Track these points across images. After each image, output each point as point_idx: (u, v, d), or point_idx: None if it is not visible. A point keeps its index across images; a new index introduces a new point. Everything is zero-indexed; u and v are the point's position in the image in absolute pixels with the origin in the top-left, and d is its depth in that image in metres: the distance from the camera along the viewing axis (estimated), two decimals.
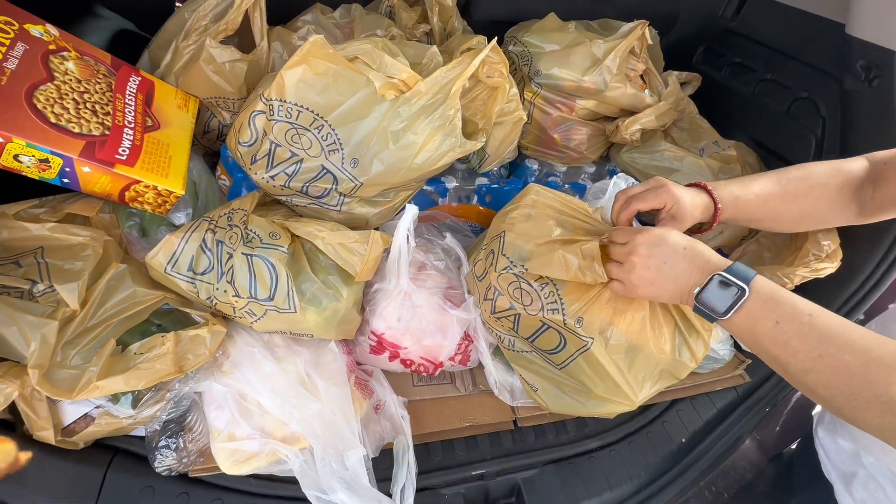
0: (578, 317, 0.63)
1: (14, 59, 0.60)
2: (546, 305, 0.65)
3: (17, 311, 0.54)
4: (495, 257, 0.68)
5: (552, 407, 0.73)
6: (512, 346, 0.73)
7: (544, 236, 0.64)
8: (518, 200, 0.71)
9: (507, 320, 0.70)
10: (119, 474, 0.63)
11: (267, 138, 0.66)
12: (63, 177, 0.62)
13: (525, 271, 0.65)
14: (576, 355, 0.66)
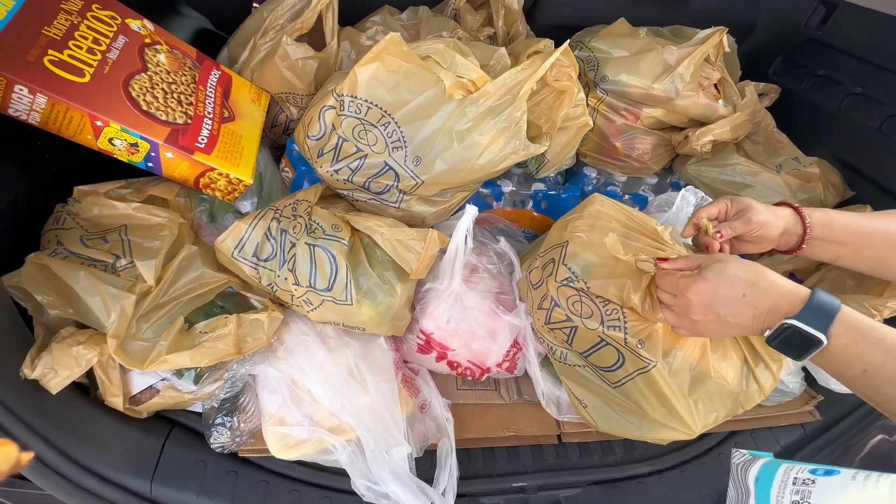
0: (641, 338, 0.60)
1: (116, 51, 0.65)
2: (607, 321, 0.62)
3: (101, 283, 0.58)
4: (555, 267, 0.65)
5: (601, 426, 0.70)
6: (564, 359, 0.71)
7: (609, 253, 0.61)
8: (581, 210, 0.69)
9: (562, 332, 0.67)
10: (176, 446, 0.66)
11: (335, 133, 0.68)
12: (148, 161, 0.67)
13: (587, 287, 0.62)
14: (634, 375, 0.63)
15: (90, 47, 0.62)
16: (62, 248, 0.60)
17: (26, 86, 0.55)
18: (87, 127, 0.60)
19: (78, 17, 0.64)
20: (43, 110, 0.57)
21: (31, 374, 0.53)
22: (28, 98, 0.56)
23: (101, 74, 0.62)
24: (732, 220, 0.60)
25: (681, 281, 0.53)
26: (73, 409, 0.59)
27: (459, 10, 1.00)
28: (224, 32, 1.19)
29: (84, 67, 0.60)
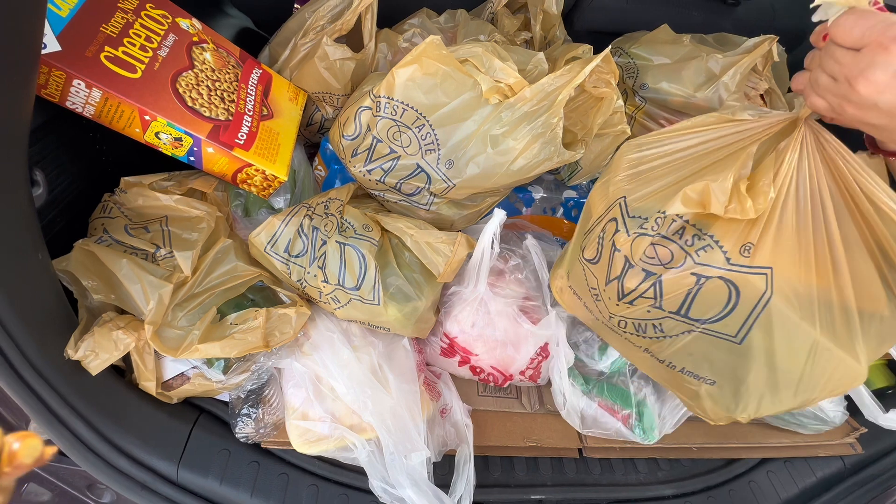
0: (744, 244, 0.46)
1: (166, 48, 0.68)
2: (693, 251, 0.48)
3: (142, 271, 0.60)
4: (619, 222, 0.53)
5: (747, 413, 0.52)
6: (660, 333, 0.54)
7: (670, 181, 0.51)
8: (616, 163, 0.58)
9: (644, 298, 0.53)
10: (202, 433, 0.68)
11: (370, 133, 0.68)
12: (190, 155, 0.69)
13: (664, 217, 0.49)
14: (757, 312, 0.47)
15: (143, 44, 0.65)
16: (107, 236, 0.63)
17: (83, 80, 0.57)
18: (136, 121, 0.63)
19: (133, 16, 0.66)
20: (97, 104, 0.60)
21: (74, 355, 0.55)
22: (84, 92, 0.58)
23: (151, 71, 0.64)
24: None
25: (891, 27, 0.35)
26: (110, 391, 0.61)
27: (497, 14, 1.00)
28: (265, 32, 1.23)
29: (136, 64, 0.63)
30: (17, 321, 0.47)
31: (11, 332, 0.47)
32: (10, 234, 0.46)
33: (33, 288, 0.51)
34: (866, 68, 0.36)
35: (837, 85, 0.39)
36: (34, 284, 0.51)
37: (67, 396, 0.55)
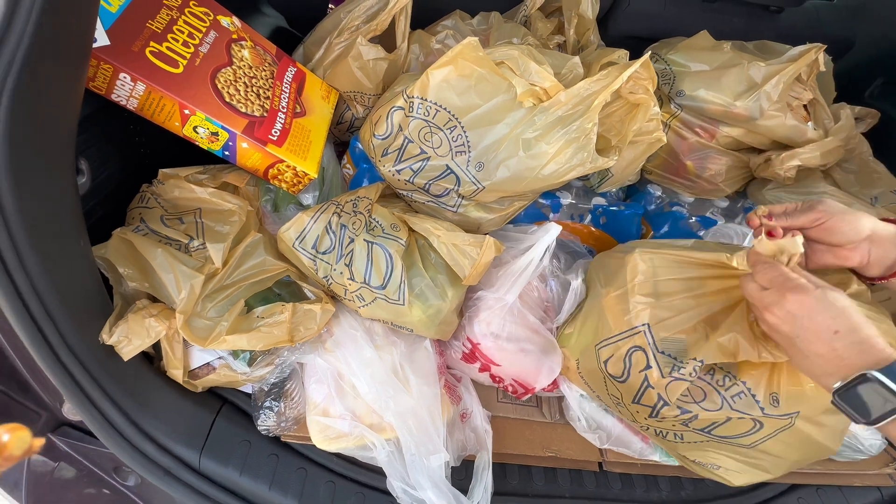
0: (772, 392, 0.53)
1: (207, 45, 0.70)
2: (727, 396, 0.55)
3: (175, 261, 0.61)
4: (649, 357, 0.57)
5: (739, 481, 0.61)
6: (679, 440, 0.62)
7: (690, 317, 0.56)
8: (630, 275, 0.60)
9: (675, 421, 0.59)
10: (225, 423, 0.69)
11: (401, 133, 0.69)
12: (225, 149, 0.70)
13: (700, 365, 0.54)
14: (775, 434, 0.56)
15: (185, 41, 0.67)
16: (144, 226, 0.64)
17: (129, 74, 0.59)
18: (176, 114, 0.64)
19: (177, 13, 0.68)
20: (141, 97, 0.62)
21: (108, 340, 0.57)
22: (130, 85, 0.60)
23: (192, 66, 0.66)
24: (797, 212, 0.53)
25: (783, 280, 0.46)
26: (140, 377, 0.63)
27: (530, 17, 0.99)
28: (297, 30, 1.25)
29: (179, 59, 0.65)
30: (58, 304, 0.49)
31: (53, 315, 0.49)
32: (55, 221, 0.48)
33: (74, 273, 0.52)
34: (770, 305, 0.47)
35: (755, 308, 0.51)
36: (75, 270, 0.52)
37: (100, 379, 0.57)
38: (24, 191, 0.42)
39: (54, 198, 0.48)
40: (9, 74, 0.38)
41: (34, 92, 0.41)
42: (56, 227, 0.48)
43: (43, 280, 0.46)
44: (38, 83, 0.42)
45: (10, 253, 0.43)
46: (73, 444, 0.64)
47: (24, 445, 0.27)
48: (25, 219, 0.43)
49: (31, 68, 0.40)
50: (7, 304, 0.45)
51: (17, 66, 0.39)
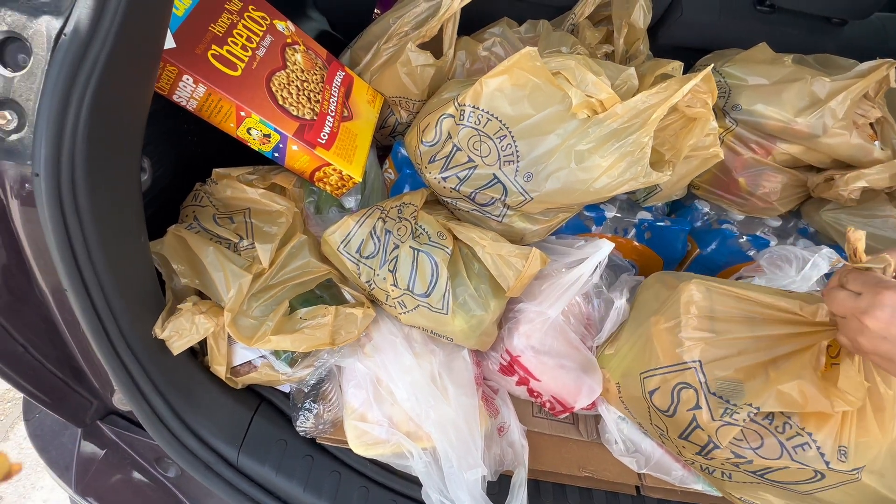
0: (840, 447, 0.50)
1: (263, 49, 0.71)
2: (788, 446, 0.52)
3: (225, 260, 0.62)
4: (700, 396, 0.55)
5: None
6: (727, 479, 0.60)
7: (748, 358, 0.53)
8: (685, 307, 0.57)
9: (726, 462, 0.57)
10: (262, 421, 0.70)
11: (450, 141, 0.68)
12: (275, 151, 0.71)
13: (756, 412, 0.52)
14: (837, 486, 0.53)
15: (244, 44, 0.68)
16: (197, 224, 0.66)
17: (192, 76, 0.61)
18: (232, 116, 0.66)
19: (237, 17, 0.70)
20: (200, 98, 0.63)
21: (160, 335, 0.58)
22: (191, 87, 0.62)
23: (249, 69, 0.67)
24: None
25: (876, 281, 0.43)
26: (186, 371, 0.64)
27: (578, 26, 0.97)
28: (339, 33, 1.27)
29: (237, 62, 0.66)
30: (118, 298, 0.50)
31: (113, 309, 0.50)
32: (121, 217, 0.49)
33: (134, 269, 0.54)
34: (868, 308, 0.43)
35: (847, 322, 0.46)
36: (135, 265, 0.54)
37: (150, 372, 0.58)
38: (98, 189, 0.43)
39: (121, 195, 0.49)
40: (92, 74, 0.40)
41: (112, 92, 0.42)
42: (121, 224, 0.50)
43: (107, 275, 0.48)
44: (116, 83, 0.43)
45: (82, 248, 0.44)
46: (119, 432, 0.66)
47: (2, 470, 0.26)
48: (97, 216, 0.44)
49: (112, 69, 0.41)
50: (74, 297, 0.46)
51: (99, 67, 0.40)
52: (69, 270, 0.44)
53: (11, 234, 0.44)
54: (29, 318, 0.50)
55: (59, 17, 0.39)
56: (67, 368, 0.59)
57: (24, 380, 0.53)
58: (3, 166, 0.41)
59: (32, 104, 0.39)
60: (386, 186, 0.92)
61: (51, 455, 0.66)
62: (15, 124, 0.40)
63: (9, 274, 0.46)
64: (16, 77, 0.39)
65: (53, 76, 0.39)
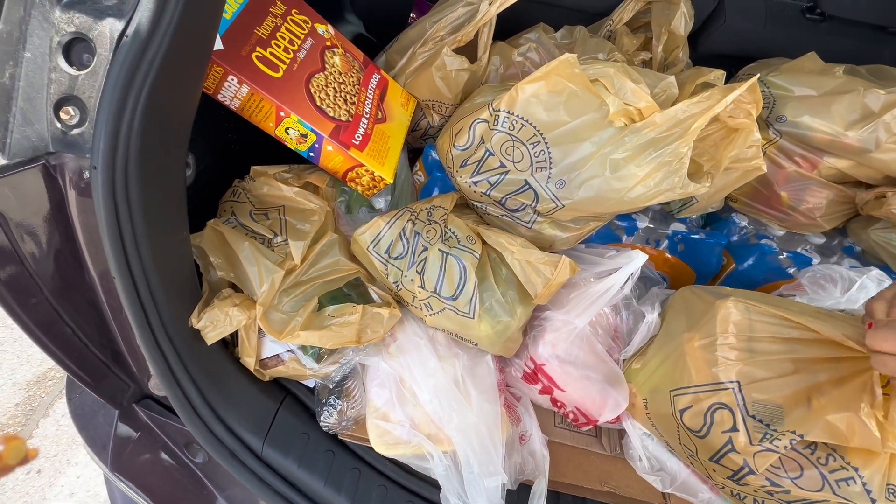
0: (888, 485, 0.48)
1: (304, 51, 0.73)
2: (831, 479, 0.50)
3: (259, 255, 0.64)
4: (737, 418, 0.53)
5: None
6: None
7: (789, 382, 0.51)
8: (722, 325, 0.55)
9: (761, 489, 0.55)
10: (287, 414, 0.71)
11: (483, 146, 0.68)
12: (311, 151, 0.73)
13: (798, 440, 0.49)
14: None
15: (286, 46, 0.70)
16: (234, 219, 0.68)
17: (237, 76, 0.63)
18: (272, 115, 0.68)
19: (280, 20, 0.72)
20: (243, 98, 0.66)
21: (196, 324, 0.60)
22: (235, 87, 0.64)
23: (290, 71, 0.69)
24: None
25: None
26: (218, 362, 0.66)
27: (616, 32, 0.96)
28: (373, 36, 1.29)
29: (279, 64, 0.68)
30: (160, 287, 0.52)
31: (155, 297, 0.52)
32: (167, 210, 0.52)
33: (176, 259, 0.56)
34: None
35: None
36: (177, 256, 0.56)
37: (185, 360, 0.60)
38: (148, 183, 0.45)
39: (168, 189, 0.51)
40: (149, 74, 0.42)
41: (165, 91, 0.44)
42: (167, 217, 0.52)
43: (152, 265, 0.50)
44: (169, 83, 0.45)
45: (130, 238, 0.46)
46: (153, 416, 0.69)
47: (20, 455, 0.28)
48: (146, 208, 0.46)
49: (166, 69, 0.43)
50: (121, 284, 0.48)
51: (155, 67, 0.42)
52: (118, 259, 0.46)
53: (67, 223, 0.47)
54: (78, 303, 0.53)
55: (122, 20, 0.41)
56: (109, 352, 0.62)
57: (70, 360, 0.56)
58: (63, 158, 0.44)
59: (94, 101, 0.42)
60: (415, 189, 0.92)
61: (89, 434, 0.69)
62: (77, 119, 0.42)
63: (63, 260, 0.49)
64: (80, 75, 0.42)
65: (114, 75, 0.41)
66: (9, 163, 0.41)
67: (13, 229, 0.44)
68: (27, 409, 1.41)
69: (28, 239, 0.45)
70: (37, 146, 0.42)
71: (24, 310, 0.48)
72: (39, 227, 0.46)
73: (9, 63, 0.40)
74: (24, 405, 1.41)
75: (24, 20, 0.39)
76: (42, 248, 0.47)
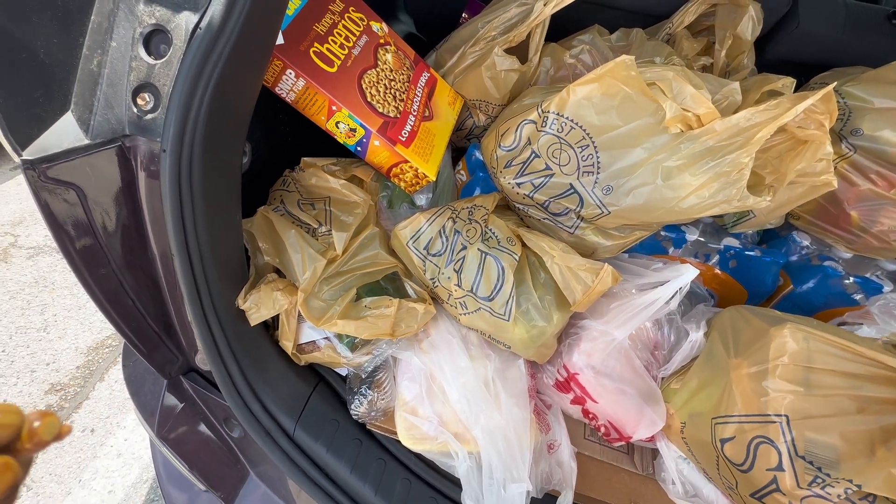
0: None
1: (358, 48, 0.75)
2: None
3: (304, 243, 0.67)
4: (783, 457, 0.49)
5: None
6: None
7: (849, 423, 0.46)
8: (775, 352, 0.51)
9: None
10: (319, 400, 0.73)
11: (529, 147, 0.67)
12: (358, 145, 0.75)
13: (856, 490, 0.45)
14: None
15: (342, 43, 0.73)
16: (282, 207, 0.71)
17: (295, 70, 0.66)
18: (325, 109, 0.70)
19: (338, 17, 0.74)
20: (299, 91, 0.68)
21: (242, 305, 0.63)
22: (293, 81, 0.67)
23: (344, 67, 0.71)
24: None
25: None
26: (259, 343, 0.69)
27: (675, 36, 0.92)
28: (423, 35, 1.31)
29: (335, 59, 0.70)
30: (213, 268, 0.55)
31: (208, 276, 0.55)
32: (224, 195, 0.54)
33: (228, 242, 0.59)
34: None
35: None
36: (230, 239, 0.59)
37: (230, 339, 0.63)
38: (209, 167, 0.48)
39: (226, 175, 0.54)
40: (217, 64, 0.44)
41: (231, 80, 0.47)
42: (223, 201, 0.55)
43: (207, 246, 0.53)
44: (235, 74, 0.47)
45: (190, 219, 0.49)
46: (197, 389, 0.73)
47: (53, 431, 0.29)
48: (206, 192, 0.49)
49: (234, 59, 0.45)
50: (179, 262, 0.51)
51: (224, 58, 0.44)
52: (178, 237, 0.49)
53: (136, 203, 0.51)
54: (140, 277, 0.57)
55: (197, 13, 0.43)
56: (162, 325, 0.66)
57: (129, 329, 0.61)
58: (137, 141, 0.47)
59: (167, 89, 0.45)
60: (457, 187, 0.93)
61: (140, 399, 0.74)
62: (151, 105, 0.45)
63: (130, 237, 0.53)
64: (157, 64, 0.45)
65: (187, 65, 0.43)
66: (91, 142, 0.44)
67: (90, 204, 0.48)
68: (86, 372, 1.53)
69: (101, 214, 0.49)
70: (115, 129, 0.46)
71: (93, 279, 0.52)
72: (111, 204, 0.50)
73: (97, 51, 0.43)
74: (83, 368, 1.54)
75: (113, 12, 0.42)
76: (112, 223, 0.51)
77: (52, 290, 1.77)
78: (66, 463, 1.32)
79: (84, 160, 0.45)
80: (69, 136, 0.44)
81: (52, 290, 1.76)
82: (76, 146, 0.44)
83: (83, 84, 0.43)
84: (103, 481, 1.29)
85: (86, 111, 0.44)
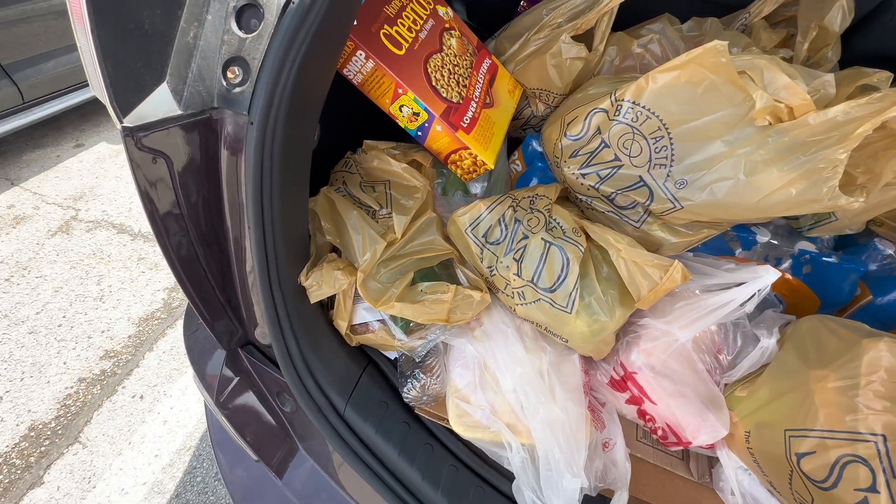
0: None
1: (425, 31, 0.74)
2: None
3: (365, 225, 0.67)
4: (877, 478, 0.46)
5: None
6: None
7: None
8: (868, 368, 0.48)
9: None
10: (368, 381, 0.74)
11: (599, 136, 0.65)
12: (420, 130, 0.75)
13: None
14: None
15: (410, 26, 0.72)
16: (344, 188, 0.72)
17: (365, 51, 0.66)
18: (390, 92, 0.70)
19: (407, 0, 0.74)
20: (367, 73, 0.68)
21: (304, 282, 0.64)
22: (362, 62, 0.67)
23: (412, 50, 0.71)
24: None
25: None
26: (316, 320, 0.70)
27: (752, 26, 0.87)
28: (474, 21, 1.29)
29: (403, 42, 0.70)
30: (282, 245, 0.57)
31: (277, 253, 0.56)
32: (299, 172, 0.55)
33: (297, 220, 0.60)
34: None
35: None
36: (297, 217, 0.60)
37: (291, 315, 0.64)
38: (290, 146, 0.49)
39: (300, 151, 0.55)
40: (304, 41, 0.45)
41: (316, 57, 0.47)
42: (295, 177, 0.56)
43: (280, 222, 0.54)
44: (318, 51, 0.48)
45: (268, 195, 0.50)
46: (253, 362, 0.75)
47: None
48: (283, 166, 0.50)
49: (318, 37, 0.46)
50: (255, 236, 0.53)
51: (311, 35, 0.45)
52: (256, 209, 0.51)
53: (217, 176, 0.52)
54: (214, 249, 0.59)
55: None
56: (227, 297, 0.68)
57: (198, 298, 0.63)
58: (223, 114, 0.48)
59: (257, 62, 0.45)
60: (511, 178, 0.91)
61: (200, 367, 0.77)
62: (240, 79, 0.46)
63: (210, 210, 0.54)
64: (248, 38, 0.45)
65: (278, 40, 0.44)
66: (183, 113, 0.46)
67: (176, 173, 0.49)
68: (137, 341, 1.61)
69: (186, 183, 0.51)
70: (205, 101, 0.47)
71: (172, 243, 0.54)
72: (195, 175, 0.52)
73: (194, 24, 0.44)
74: (134, 338, 1.62)
75: None
76: (194, 195, 0.53)
77: (108, 262, 1.87)
78: (118, 425, 1.39)
79: (175, 130, 0.46)
80: (164, 105, 0.45)
81: (107, 263, 1.86)
82: (170, 116, 0.45)
83: (179, 56, 0.45)
84: (150, 445, 1.36)
85: (180, 82, 0.45)
